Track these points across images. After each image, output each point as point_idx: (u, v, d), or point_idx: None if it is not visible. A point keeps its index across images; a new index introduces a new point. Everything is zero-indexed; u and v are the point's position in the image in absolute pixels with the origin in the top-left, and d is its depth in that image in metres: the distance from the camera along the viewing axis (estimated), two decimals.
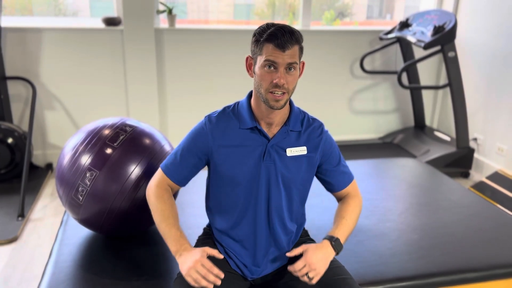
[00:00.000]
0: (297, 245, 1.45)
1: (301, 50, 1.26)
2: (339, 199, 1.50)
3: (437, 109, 4.28)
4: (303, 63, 1.31)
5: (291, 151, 1.34)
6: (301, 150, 1.35)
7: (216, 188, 1.38)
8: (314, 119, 1.41)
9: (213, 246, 1.43)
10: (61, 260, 1.57)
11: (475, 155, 3.69)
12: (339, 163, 1.44)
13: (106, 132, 1.57)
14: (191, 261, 1.21)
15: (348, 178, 1.46)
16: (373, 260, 1.62)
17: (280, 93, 1.22)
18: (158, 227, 1.33)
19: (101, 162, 1.49)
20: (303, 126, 1.37)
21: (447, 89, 4.01)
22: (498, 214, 2.01)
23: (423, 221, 1.93)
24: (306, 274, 1.26)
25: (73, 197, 1.52)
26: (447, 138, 3.77)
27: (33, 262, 2.34)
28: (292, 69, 1.23)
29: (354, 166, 2.59)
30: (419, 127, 4.12)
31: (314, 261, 1.26)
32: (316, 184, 1.52)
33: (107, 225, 1.57)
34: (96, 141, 1.54)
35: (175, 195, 1.66)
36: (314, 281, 1.26)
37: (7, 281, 2.18)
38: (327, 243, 1.32)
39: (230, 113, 1.35)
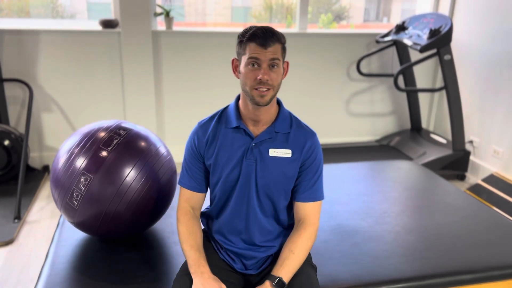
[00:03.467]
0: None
1: (283, 49, 1.29)
2: (296, 214, 1.40)
3: (433, 112, 4.30)
4: (287, 63, 1.34)
5: (274, 152, 1.35)
6: (285, 153, 1.35)
7: (212, 187, 1.43)
8: (307, 126, 1.42)
9: (209, 244, 1.47)
10: (57, 262, 1.57)
11: (471, 157, 3.70)
12: (314, 177, 1.37)
13: (101, 135, 1.56)
14: None
15: (313, 195, 1.37)
16: (369, 262, 1.62)
17: (264, 89, 1.26)
18: (182, 249, 1.37)
19: (95, 167, 1.49)
20: (292, 129, 1.38)
21: (443, 92, 4.03)
22: (493, 216, 2.02)
23: (419, 223, 1.93)
24: None
25: (68, 202, 1.52)
26: (443, 141, 3.79)
27: (29, 264, 2.33)
28: (275, 66, 1.26)
29: (351, 168, 2.61)
30: (416, 130, 4.13)
31: None
32: None
33: (103, 229, 1.57)
34: (90, 144, 1.53)
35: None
36: None
37: (3, 283, 2.17)
38: (267, 284, 1.26)
39: (218, 116, 1.41)
